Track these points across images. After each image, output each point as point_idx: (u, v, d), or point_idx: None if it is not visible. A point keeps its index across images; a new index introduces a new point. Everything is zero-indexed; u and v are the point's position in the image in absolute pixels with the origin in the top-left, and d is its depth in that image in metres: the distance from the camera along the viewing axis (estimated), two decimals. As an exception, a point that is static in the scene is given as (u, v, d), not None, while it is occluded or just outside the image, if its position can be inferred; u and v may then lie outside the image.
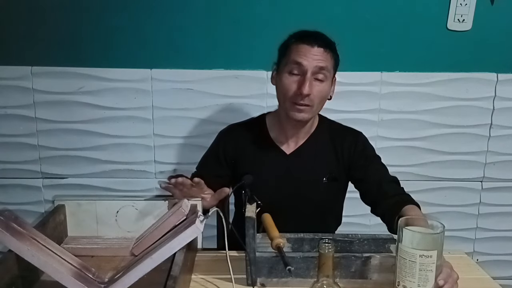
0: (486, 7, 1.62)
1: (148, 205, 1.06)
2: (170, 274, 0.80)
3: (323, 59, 1.13)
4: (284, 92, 1.16)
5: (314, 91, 1.13)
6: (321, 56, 1.13)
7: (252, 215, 0.90)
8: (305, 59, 1.12)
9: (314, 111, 1.18)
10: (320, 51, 1.13)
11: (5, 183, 1.74)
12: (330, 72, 1.16)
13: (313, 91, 1.13)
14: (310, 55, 1.12)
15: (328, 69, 1.14)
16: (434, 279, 0.79)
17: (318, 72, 1.13)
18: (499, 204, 1.80)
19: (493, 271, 1.09)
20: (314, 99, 1.14)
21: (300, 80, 1.13)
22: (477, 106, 1.71)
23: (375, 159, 1.27)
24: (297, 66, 1.13)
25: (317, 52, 1.12)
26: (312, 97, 1.13)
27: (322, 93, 1.15)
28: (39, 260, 0.77)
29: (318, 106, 1.18)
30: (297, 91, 1.13)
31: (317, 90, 1.13)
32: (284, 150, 1.26)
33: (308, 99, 1.13)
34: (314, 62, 1.12)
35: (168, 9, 1.61)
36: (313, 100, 1.14)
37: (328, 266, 0.75)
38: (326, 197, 1.27)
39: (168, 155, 1.73)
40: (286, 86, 1.15)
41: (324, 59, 1.13)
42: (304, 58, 1.12)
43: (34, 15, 1.61)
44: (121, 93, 1.66)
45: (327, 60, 1.14)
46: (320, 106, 1.19)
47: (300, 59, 1.12)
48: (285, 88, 1.15)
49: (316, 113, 1.21)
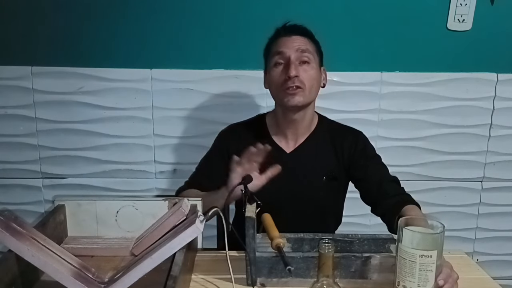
0: (486, 7, 1.62)
1: (148, 205, 1.06)
2: (170, 274, 0.80)
3: (303, 43, 1.19)
4: (275, 83, 1.19)
5: (301, 73, 1.16)
6: (301, 41, 1.19)
7: (252, 215, 0.90)
8: (285, 47, 1.18)
9: (307, 95, 1.18)
10: (298, 38, 1.19)
11: (5, 183, 1.74)
12: (314, 55, 1.20)
13: (300, 73, 1.16)
14: (289, 43, 1.18)
15: (310, 51, 1.19)
16: (434, 279, 0.79)
17: (301, 55, 1.17)
18: (499, 204, 1.80)
19: (493, 271, 1.09)
20: (304, 80, 1.16)
21: (285, 66, 1.17)
22: (477, 106, 1.71)
23: (376, 158, 1.27)
24: (280, 55, 1.18)
25: (296, 39, 1.19)
26: (301, 79, 1.16)
27: (311, 75, 1.18)
28: (39, 260, 0.77)
29: (311, 90, 1.19)
30: (285, 77, 1.16)
31: (304, 72, 1.17)
32: (284, 148, 1.26)
33: (298, 80, 1.15)
34: (295, 47, 1.17)
35: (168, 9, 1.61)
36: (303, 82, 1.16)
37: (328, 266, 0.75)
38: (326, 196, 1.27)
39: (168, 155, 1.73)
40: (275, 77, 1.19)
41: (304, 43, 1.19)
42: (284, 47, 1.18)
43: (34, 15, 1.61)
44: (121, 93, 1.66)
45: (307, 43, 1.19)
46: (314, 91, 1.20)
47: (281, 48, 1.18)
48: (274, 79, 1.19)
49: (310, 98, 1.20)
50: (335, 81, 1.65)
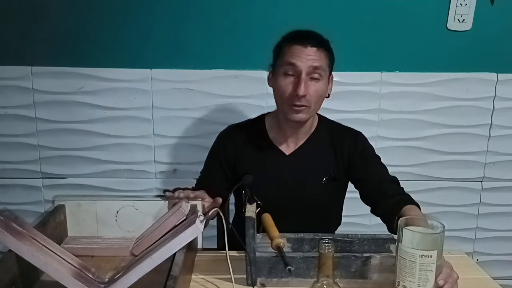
0: (486, 7, 1.62)
1: (148, 205, 1.06)
2: (170, 274, 0.80)
3: (317, 58, 1.13)
4: (281, 94, 1.16)
5: (310, 91, 1.13)
6: (315, 56, 1.13)
7: (252, 215, 0.90)
8: (299, 59, 1.12)
9: (312, 111, 1.18)
10: (313, 51, 1.13)
11: (5, 183, 1.74)
12: (325, 71, 1.16)
13: (309, 91, 1.13)
14: (303, 56, 1.12)
15: (322, 68, 1.14)
16: (434, 279, 0.79)
17: (313, 72, 1.13)
18: (499, 204, 1.80)
19: (493, 271, 1.09)
20: (311, 99, 1.14)
21: (295, 81, 1.13)
22: (477, 106, 1.71)
23: (375, 159, 1.27)
24: (291, 67, 1.13)
25: (310, 52, 1.12)
26: (309, 97, 1.13)
27: (319, 92, 1.15)
28: (39, 260, 0.77)
29: (316, 106, 1.18)
30: (293, 93, 1.13)
31: (313, 90, 1.13)
32: (284, 150, 1.26)
33: (305, 100, 1.13)
34: (308, 62, 1.12)
35: (168, 9, 1.61)
36: (309, 100, 1.14)
37: (328, 266, 0.75)
38: (326, 197, 1.27)
39: (168, 155, 1.73)
40: (282, 88, 1.15)
41: (318, 59, 1.13)
42: (298, 59, 1.12)
43: (34, 15, 1.61)
44: (121, 93, 1.66)
45: (321, 59, 1.14)
46: (318, 105, 1.19)
47: (294, 60, 1.12)
48: (281, 90, 1.16)
49: (314, 112, 1.21)
50: (335, 81, 1.63)
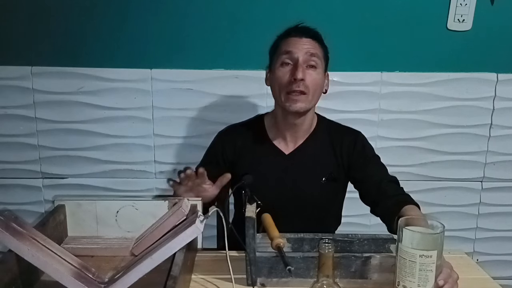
0: (486, 7, 1.62)
1: (148, 205, 1.06)
2: (170, 274, 0.80)
3: (312, 46, 1.17)
4: (279, 83, 1.18)
5: (308, 77, 1.15)
6: (310, 45, 1.17)
7: (252, 215, 0.90)
8: (295, 47, 1.17)
9: (310, 100, 1.18)
10: (308, 41, 1.18)
11: (5, 183, 1.74)
12: (321, 60, 1.19)
13: (307, 77, 1.15)
14: (299, 45, 1.17)
15: (318, 56, 1.18)
16: (434, 279, 0.79)
17: (310, 59, 1.16)
18: (499, 204, 1.80)
19: (493, 271, 1.09)
20: (309, 85, 1.15)
21: (292, 68, 1.16)
22: (477, 106, 1.71)
23: (374, 159, 1.27)
24: (288, 55, 1.17)
25: (306, 42, 1.18)
26: (307, 83, 1.15)
27: (316, 81, 1.17)
28: (39, 260, 0.77)
29: (314, 97, 1.18)
30: (290, 78, 1.15)
31: (310, 76, 1.16)
32: (283, 150, 1.26)
33: (303, 85, 1.14)
34: (304, 50, 1.16)
35: (168, 9, 1.61)
36: (307, 87, 1.15)
37: (328, 266, 0.75)
38: (326, 197, 1.27)
39: (168, 155, 1.73)
40: (280, 77, 1.17)
41: (313, 47, 1.18)
42: (294, 47, 1.17)
43: (34, 15, 1.61)
44: (121, 93, 1.66)
45: (316, 48, 1.18)
46: (316, 97, 1.20)
47: (290, 48, 1.17)
48: (279, 79, 1.18)
49: (312, 104, 1.20)
50: (335, 81, 1.64)
